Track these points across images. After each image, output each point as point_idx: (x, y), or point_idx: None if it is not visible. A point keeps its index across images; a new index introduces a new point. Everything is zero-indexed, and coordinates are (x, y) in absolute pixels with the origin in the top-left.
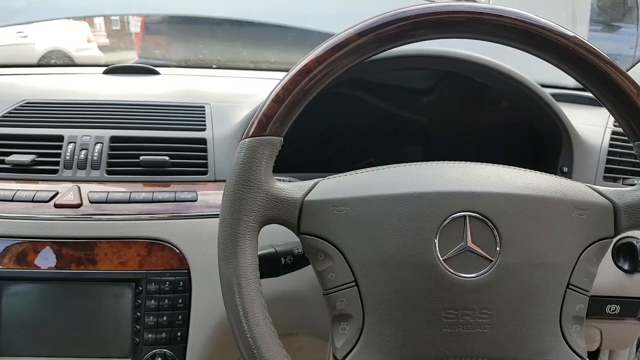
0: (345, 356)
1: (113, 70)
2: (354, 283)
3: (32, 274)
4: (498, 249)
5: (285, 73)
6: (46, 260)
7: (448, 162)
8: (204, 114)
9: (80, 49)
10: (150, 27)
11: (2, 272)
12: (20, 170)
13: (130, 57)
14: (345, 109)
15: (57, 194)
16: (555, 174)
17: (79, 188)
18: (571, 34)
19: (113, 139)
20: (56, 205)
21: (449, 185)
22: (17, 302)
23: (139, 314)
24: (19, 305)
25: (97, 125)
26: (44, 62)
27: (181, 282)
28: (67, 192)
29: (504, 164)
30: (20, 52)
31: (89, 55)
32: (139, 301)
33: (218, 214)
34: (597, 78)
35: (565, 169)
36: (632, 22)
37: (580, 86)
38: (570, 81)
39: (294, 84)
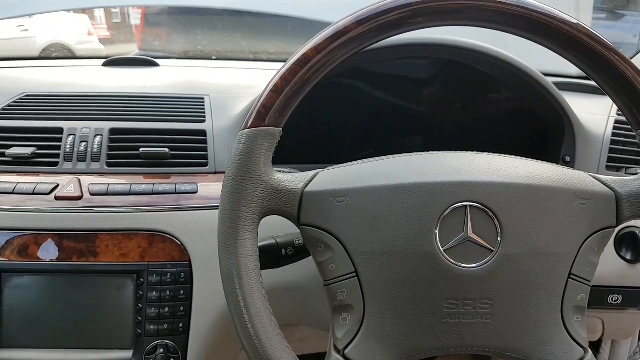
0: (347, 346)
1: (112, 62)
2: (354, 274)
3: (34, 266)
4: (499, 239)
5: (284, 63)
6: (48, 252)
7: (449, 152)
8: (204, 105)
9: (81, 42)
10: (150, 19)
11: (4, 265)
12: (21, 163)
13: (131, 50)
14: (346, 100)
15: (57, 186)
16: (558, 164)
17: (79, 180)
18: (574, 20)
19: (113, 131)
20: (57, 198)
21: (450, 176)
22: (20, 294)
23: (140, 305)
24: (22, 298)
25: (97, 118)
26: (45, 55)
27: (182, 274)
28: (67, 184)
29: (505, 154)
30: (21, 46)
31: (90, 48)
32: (141, 293)
33: (219, 206)
34: (600, 66)
35: (568, 159)
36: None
37: (584, 75)
38: (573, 70)
39: (292, 74)
